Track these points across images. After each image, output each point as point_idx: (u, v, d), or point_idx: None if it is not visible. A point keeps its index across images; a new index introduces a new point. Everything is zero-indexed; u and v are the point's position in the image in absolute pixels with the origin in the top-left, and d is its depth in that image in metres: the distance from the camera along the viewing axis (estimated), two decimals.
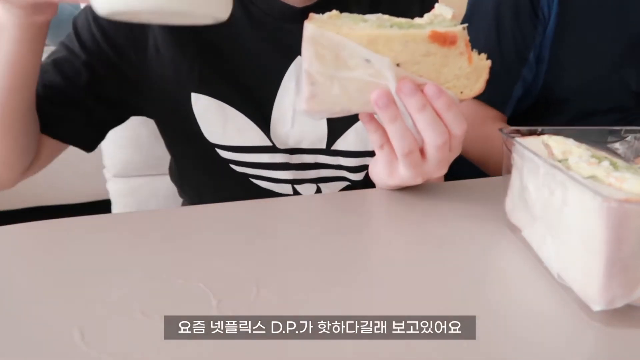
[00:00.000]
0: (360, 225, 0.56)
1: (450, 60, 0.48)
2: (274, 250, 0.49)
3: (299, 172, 0.75)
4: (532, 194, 0.47)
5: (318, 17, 0.48)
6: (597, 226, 0.36)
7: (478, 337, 0.37)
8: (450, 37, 0.47)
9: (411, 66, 0.48)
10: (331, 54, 0.47)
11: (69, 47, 0.70)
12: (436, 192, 0.63)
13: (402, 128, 0.50)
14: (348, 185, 0.77)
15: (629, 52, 0.93)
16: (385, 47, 0.47)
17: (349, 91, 0.49)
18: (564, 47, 0.91)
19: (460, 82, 0.49)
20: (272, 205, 0.60)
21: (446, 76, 0.49)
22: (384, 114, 0.49)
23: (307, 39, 0.47)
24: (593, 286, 0.38)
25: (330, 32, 0.47)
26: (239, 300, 0.40)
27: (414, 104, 0.48)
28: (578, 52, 0.91)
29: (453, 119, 0.49)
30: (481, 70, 0.50)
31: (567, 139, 0.48)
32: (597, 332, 0.38)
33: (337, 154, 0.75)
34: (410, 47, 0.47)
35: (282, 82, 0.72)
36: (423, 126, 0.49)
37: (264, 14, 0.71)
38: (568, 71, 0.93)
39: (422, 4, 0.76)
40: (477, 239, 0.52)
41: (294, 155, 0.74)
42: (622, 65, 0.93)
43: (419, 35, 0.47)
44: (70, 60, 0.68)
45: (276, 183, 0.75)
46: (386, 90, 0.48)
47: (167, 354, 0.35)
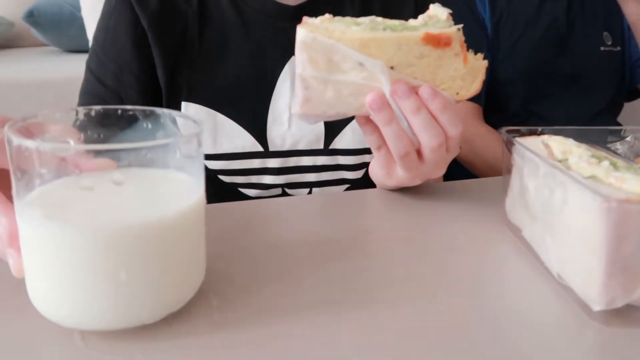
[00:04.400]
0: (360, 225, 0.56)
1: (445, 61, 0.48)
2: (274, 249, 0.49)
3: (293, 175, 0.74)
4: (532, 194, 0.47)
5: (310, 22, 0.48)
6: (597, 226, 0.36)
7: (478, 336, 0.37)
8: (444, 39, 0.47)
9: (405, 68, 0.48)
10: (324, 58, 0.47)
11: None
12: (436, 193, 0.63)
13: (397, 130, 0.49)
14: (348, 188, 0.77)
15: (551, 37, 1.10)
16: (378, 50, 0.47)
17: (343, 94, 0.49)
18: (501, 40, 1.09)
19: (456, 83, 0.49)
20: (273, 205, 0.60)
21: (441, 77, 0.49)
22: (379, 116, 0.49)
23: (299, 43, 0.47)
24: (593, 286, 0.38)
25: (322, 37, 0.46)
26: (239, 301, 0.40)
27: (409, 106, 0.48)
28: (512, 41, 1.09)
29: (448, 120, 0.49)
30: (477, 71, 0.49)
31: (567, 139, 0.48)
32: (597, 332, 0.38)
33: (335, 153, 0.74)
34: (404, 50, 0.47)
35: (277, 82, 0.71)
36: (418, 128, 0.49)
37: (257, 13, 0.71)
38: (509, 59, 1.09)
39: (416, 4, 0.76)
40: (477, 239, 0.52)
41: (290, 159, 0.74)
42: (547, 49, 1.10)
43: (412, 38, 0.47)
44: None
45: (266, 189, 0.74)
46: (380, 93, 0.48)
47: (168, 353, 0.35)
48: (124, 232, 0.33)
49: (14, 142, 0.33)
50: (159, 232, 0.35)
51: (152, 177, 0.37)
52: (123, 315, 0.35)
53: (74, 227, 0.33)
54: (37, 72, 1.85)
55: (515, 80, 1.10)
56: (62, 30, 2.10)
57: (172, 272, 0.36)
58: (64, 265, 0.34)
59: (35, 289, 0.36)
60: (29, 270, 0.36)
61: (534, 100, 1.11)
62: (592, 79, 1.14)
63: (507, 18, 1.09)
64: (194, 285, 0.39)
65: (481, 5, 1.09)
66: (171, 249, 0.36)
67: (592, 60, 1.13)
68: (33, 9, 2.05)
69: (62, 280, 0.34)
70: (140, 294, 0.35)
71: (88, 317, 0.34)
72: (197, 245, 0.39)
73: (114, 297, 0.34)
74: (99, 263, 0.33)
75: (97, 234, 0.33)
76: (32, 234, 0.34)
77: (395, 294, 0.42)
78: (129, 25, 0.69)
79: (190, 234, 0.38)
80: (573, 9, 1.13)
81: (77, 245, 0.33)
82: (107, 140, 0.40)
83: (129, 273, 0.34)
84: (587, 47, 1.13)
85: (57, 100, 1.72)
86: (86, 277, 0.34)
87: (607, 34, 1.16)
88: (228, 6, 0.71)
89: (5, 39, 2.31)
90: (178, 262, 0.37)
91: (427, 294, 0.42)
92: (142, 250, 0.34)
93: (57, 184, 0.35)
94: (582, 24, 1.13)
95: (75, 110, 0.40)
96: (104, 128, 0.41)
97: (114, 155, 0.34)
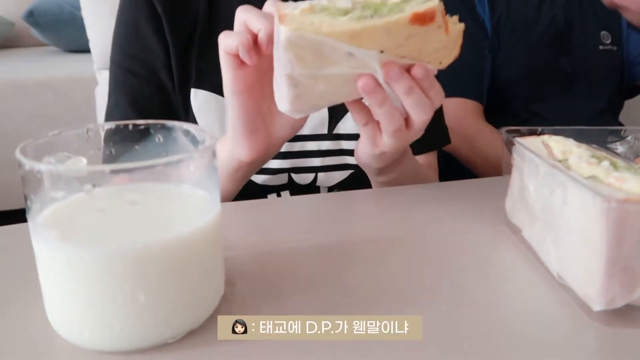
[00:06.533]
0: (360, 224, 0.56)
1: (430, 36, 0.47)
2: (274, 250, 0.49)
3: (298, 160, 0.75)
4: (532, 194, 0.47)
5: (290, 17, 0.45)
6: (597, 226, 0.36)
7: (478, 337, 0.37)
8: (429, 14, 0.46)
9: (394, 50, 0.47)
10: (312, 54, 0.45)
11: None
12: (436, 192, 0.63)
13: (390, 109, 0.50)
14: (352, 174, 0.77)
15: (550, 37, 1.10)
16: (369, 39, 0.45)
17: (334, 85, 0.48)
18: (501, 40, 1.09)
19: (440, 53, 0.49)
20: (273, 206, 0.60)
21: (427, 51, 0.48)
22: (372, 99, 0.49)
23: (284, 44, 0.44)
24: (593, 286, 0.38)
25: (309, 33, 0.44)
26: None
27: (402, 87, 0.48)
28: (512, 42, 1.09)
29: (436, 93, 0.50)
30: (456, 36, 0.49)
31: (567, 139, 0.48)
32: (597, 332, 0.38)
33: (338, 138, 0.75)
34: (393, 34, 0.46)
35: None
36: (411, 106, 0.50)
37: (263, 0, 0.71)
38: (509, 60, 1.09)
39: None
40: (477, 239, 0.52)
41: (295, 143, 0.74)
42: (546, 49, 1.10)
43: (400, 21, 0.45)
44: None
45: (272, 175, 0.74)
46: (371, 76, 0.48)
47: (167, 353, 0.35)
48: (142, 253, 0.33)
49: (25, 165, 0.32)
50: (177, 252, 0.34)
51: (167, 194, 0.37)
52: (145, 335, 0.35)
53: (91, 248, 0.33)
54: (37, 72, 1.85)
55: (515, 81, 1.10)
56: (62, 30, 2.11)
57: (192, 289, 0.36)
58: (82, 288, 0.33)
59: (56, 313, 0.36)
60: (48, 293, 0.36)
61: (535, 101, 1.11)
62: (592, 78, 1.14)
63: (507, 19, 1.09)
64: (214, 300, 0.39)
65: (480, 6, 1.10)
66: (190, 267, 0.36)
67: (591, 60, 1.14)
68: (33, 9, 2.05)
69: (81, 304, 0.34)
70: (160, 313, 0.35)
71: (110, 339, 0.34)
72: (215, 261, 0.39)
73: (135, 318, 0.34)
74: (118, 284, 0.33)
75: (115, 255, 0.33)
76: (48, 255, 0.34)
77: (394, 294, 0.42)
78: (148, 14, 0.71)
79: (208, 250, 0.37)
80: (571, 8, 1.14)
81: (95, 267, 0.33)
82: (120, 156, 0.40)
83: (148, 293, 0.34)
84: (585, 46, 1.14)
85: (56, 100, 1.72)
86: (105, 299, 0.33)
87: (606, 33, 1.16)
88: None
89: (5, 39, 2.32)
90: (197, 279, 0.37)
91: (426, 294, 0.42)
92: (161, 270, 0.34)
93: (71, 203, 0.35)
94: (580, 23, 1.14)
95: (87, 129, 0.39)
96: (115, 144, 0.40)
97: (127, 171, 0.33)
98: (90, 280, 0.33)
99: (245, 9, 0.51)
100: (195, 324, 0.37)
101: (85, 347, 0.35)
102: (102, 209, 0.35)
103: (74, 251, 0.33)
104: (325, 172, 0.76)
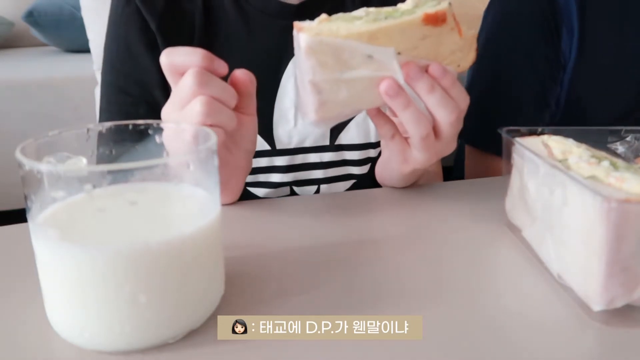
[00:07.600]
0: (360, 224, 0.56)
1: (444, 37, 0.49)
2: (274, 250, 0.49)
3: (301, 173, 0.75)
4: (532, 194, 0.47)
5: (308, 26, 0.47)
6: (597, 226, 0.36)
7: (478, 336, 0.37)
8: (440, 16, 0.48)
9: (411, 51, 0.48)
10: (333, 59, 0.47)
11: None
12: (437, 192, 0.63)
13: (415, 112, 0.50)
14: (354, 183, 0.77)
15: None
16: (385, 39, 0.47)
17: (356, 90, 0.49)
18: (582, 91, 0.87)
19: (456, 55, 0.50)
20: (273, 206, 0.60)
21: (443, 54, 0.50)
22: (396, 102, 0.49)
23: (305, 50, 0.46)
24: (593, 286, 0.38)
25: (328, 37, 0.46)
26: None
27: (423, 86, 0.49)
28: (596, 92, 0.87)
29: (459, 93, 0.51)
30: (471, 41, 0.50)
31: (567, 139, 0.48)
32: (597, 332, 0.38)
33: (341, 149, 0.75)
34: (408, 34, 0.47)
35: (281, 80, 0.71)
36: (435, 106, 0.50)
37: (259, 12, 0.71)
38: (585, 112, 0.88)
39: None
40: (477, 239, 0.52)
41: (297, 156, 0.74)
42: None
43: (413, 21, 0.47)
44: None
45: (274, 188, 0.74)
46: (393, 79, 0.48)
47: (167, 353, 0.35)
48: (142, 253, 0.33)
49: (25, 165, 0.32)
50: (177, 252, 0.34)
51: (167, 194, 0.37)
52: (145, 335, 0.35)
53: (91, 248, 0.33)
54: (36, 72, 1.85)
55: None
56: (62, 30, 2.10)
57: (192, 290, 0.36)
58: (82, 288, 0.33)
59: (55, 313, 0.36)
60: (48, 294, 0.36)
61: None
62: None
63: (598, 62, 0.86)
64: (214, 300, 0.39)
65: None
66: (190, 267, 0.36)
67: None
68: (33, 9, 2.05)
69: (81, 304, 0.34)
70: (160, 313, 0.35)
71: (110, 339, 0.34)
72: (216, 261, 0.39)
73: (135, 318, 0.34)
74: (118, 284, 0.33)
75: (115, 255, 0.33)
76: (48, 255, 0.34)
77: (394, 294, 0.42)
78: (140, 30, 0.69)
79: (208, 250, 0.37)
80: None
81: (95, 267, 0.33)
82: (120, 156, 0.40)
83: (148, 293, 0.34)
84: None
85: (56, 100, 1.72)
86: (105, 299, 0.33)
87: None
88: (231, 6, 0.72)
89: (5, 38, 2.31)
90: (198, 279, 0.37)
91: (426, 294, 0.42)
92: (162, 270, 0.34)
93: (71, 203, 0.35)
94: None
95: (87, 129, 0.39)
96: (115, 144, 0.40)
97: (127, 172, 0.33)
98: (90, 280, 0.33)
99: (167, 52, 0.49)
100: (196, 324, 0.37)
101: (85, 347, 0.35)
102: (102, 209, 0.35)
103: (74, 251, 0.33)
104: (327, 184, 0.76)
